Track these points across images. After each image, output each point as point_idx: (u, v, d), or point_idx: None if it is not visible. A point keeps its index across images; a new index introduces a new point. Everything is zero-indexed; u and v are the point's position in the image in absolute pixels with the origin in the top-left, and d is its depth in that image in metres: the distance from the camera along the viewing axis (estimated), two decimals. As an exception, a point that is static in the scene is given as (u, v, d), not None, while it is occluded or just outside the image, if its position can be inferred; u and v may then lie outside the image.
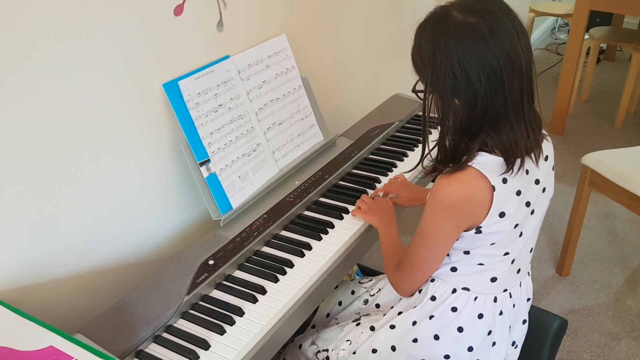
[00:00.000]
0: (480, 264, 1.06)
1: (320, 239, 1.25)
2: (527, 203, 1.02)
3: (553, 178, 1.10)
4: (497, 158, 0.97)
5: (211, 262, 1.16)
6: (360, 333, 1.21)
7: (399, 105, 1.84)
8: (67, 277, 1.14)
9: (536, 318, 1.28)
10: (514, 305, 1.14)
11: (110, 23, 1.08)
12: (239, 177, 1.35)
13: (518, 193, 1.00)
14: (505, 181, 0.97)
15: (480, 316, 1.10)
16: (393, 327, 1.16)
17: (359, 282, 1.40)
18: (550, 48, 4.57)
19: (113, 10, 1.08)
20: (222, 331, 1.02)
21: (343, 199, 1.38)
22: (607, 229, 2.47)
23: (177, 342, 1.01)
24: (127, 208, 1.23)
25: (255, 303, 1.08)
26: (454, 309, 1.10)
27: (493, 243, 1.02)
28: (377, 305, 1.30)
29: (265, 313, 1.06)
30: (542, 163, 1.04)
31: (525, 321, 1.20)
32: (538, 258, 2.28)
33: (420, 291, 1.15)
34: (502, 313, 1.12)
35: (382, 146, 1.64)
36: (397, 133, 1.71)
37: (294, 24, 1.61)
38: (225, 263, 1.16)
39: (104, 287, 1.22)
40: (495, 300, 1.10)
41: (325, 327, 1.33)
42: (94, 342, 0.97)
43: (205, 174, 1.28)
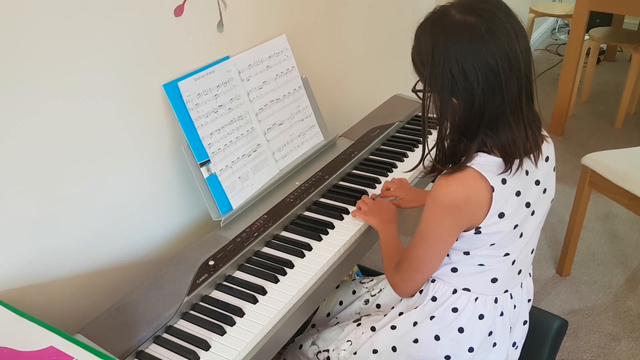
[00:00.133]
0: (480, 265, 1.06)
1: (320, 240, 1.25)
2: (527, 204, 1.02)
3: (554, 179, 1.10)
4: (496, 159, 0.97)
5: (211, 263, 1.16)
6: (361, 333, 1.21)
7: (399, 105, 1.84)
8: (67, 277, 1.14)
9: (536, 318, 1.28)
10: (515, 306, 1.14)
11: (110, 23, 1.08)
12: (239, 178, 1.35)
13: (518, 194, 1.00)
14: (504, 182, 0.97)
15: (481, 317, 1.10)
16: (394, 328, 1.16)
17: (360, 282, 1.40)
18: (550, 49, 4.57)
19: (113, 10, 1.08)
20: (223, 332, 1.02)
21: (343, 200, 1.39)
22: (607, 229, 2.47)
23: (178, 343, 1.01)
24: (127, 208, 1.23)
25: (255, 303, 1.08)
26: (455, 310, 1.10)
27: (493, 243, 1.02)
28: (378, 305, 1.30)
29: (265, 313, 1.06)
30: (543, 164, 1.04)
31: (525, 322, 1.19)
32: (538, 258, 2.28)
33: (421, 292, 1.15)
34: (503, 314, 1.11)
35: (382, 147, 1.64)
36: (397, 133, 1.71)
37: (294, 25, 1.61)
38: (225, 263, 1.16)
39: (104, 287, 1.22)
40: (495, 301, 1.10)
41: (325, 327, 1.33)
42: (94, 343, 0.97)
43: (205, 175, 1.28)
